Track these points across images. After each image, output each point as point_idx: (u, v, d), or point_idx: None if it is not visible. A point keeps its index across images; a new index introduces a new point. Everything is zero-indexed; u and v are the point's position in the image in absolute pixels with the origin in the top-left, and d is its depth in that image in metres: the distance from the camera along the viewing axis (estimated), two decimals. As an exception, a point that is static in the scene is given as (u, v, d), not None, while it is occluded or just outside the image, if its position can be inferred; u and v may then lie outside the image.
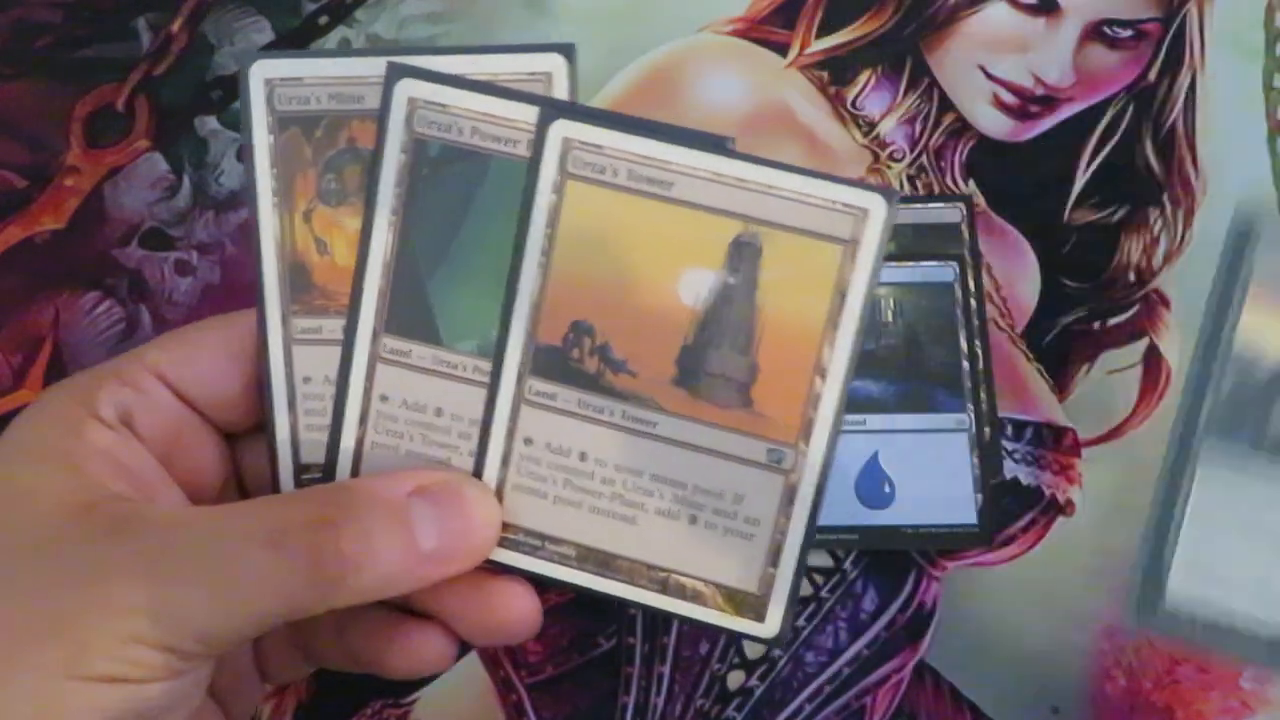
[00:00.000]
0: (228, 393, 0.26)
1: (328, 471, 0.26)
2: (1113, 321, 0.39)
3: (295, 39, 0.43)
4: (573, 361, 0.25)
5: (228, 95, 0.42)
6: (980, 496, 0.36)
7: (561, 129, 0.24)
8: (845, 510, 0.36)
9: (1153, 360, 0.39)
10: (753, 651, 0.36)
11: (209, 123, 0.42)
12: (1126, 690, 0.36)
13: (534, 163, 0.24)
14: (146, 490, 0.25)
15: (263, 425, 0.27)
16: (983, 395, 0.37)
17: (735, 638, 0.36)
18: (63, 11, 0.43)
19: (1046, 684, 0.36)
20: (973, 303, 0.38)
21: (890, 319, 0.38)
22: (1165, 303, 0.39)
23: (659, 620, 0.36)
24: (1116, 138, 0.41)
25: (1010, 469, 0.37)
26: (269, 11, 0.43)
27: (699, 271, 0.24)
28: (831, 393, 0.24)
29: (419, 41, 0.43)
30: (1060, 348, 0.39)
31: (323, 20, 0.43)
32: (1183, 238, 0.40)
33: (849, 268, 0.24)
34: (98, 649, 0.21)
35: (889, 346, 0.38)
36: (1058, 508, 0.37)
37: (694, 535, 0.25)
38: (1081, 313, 0.39)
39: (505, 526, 0.25)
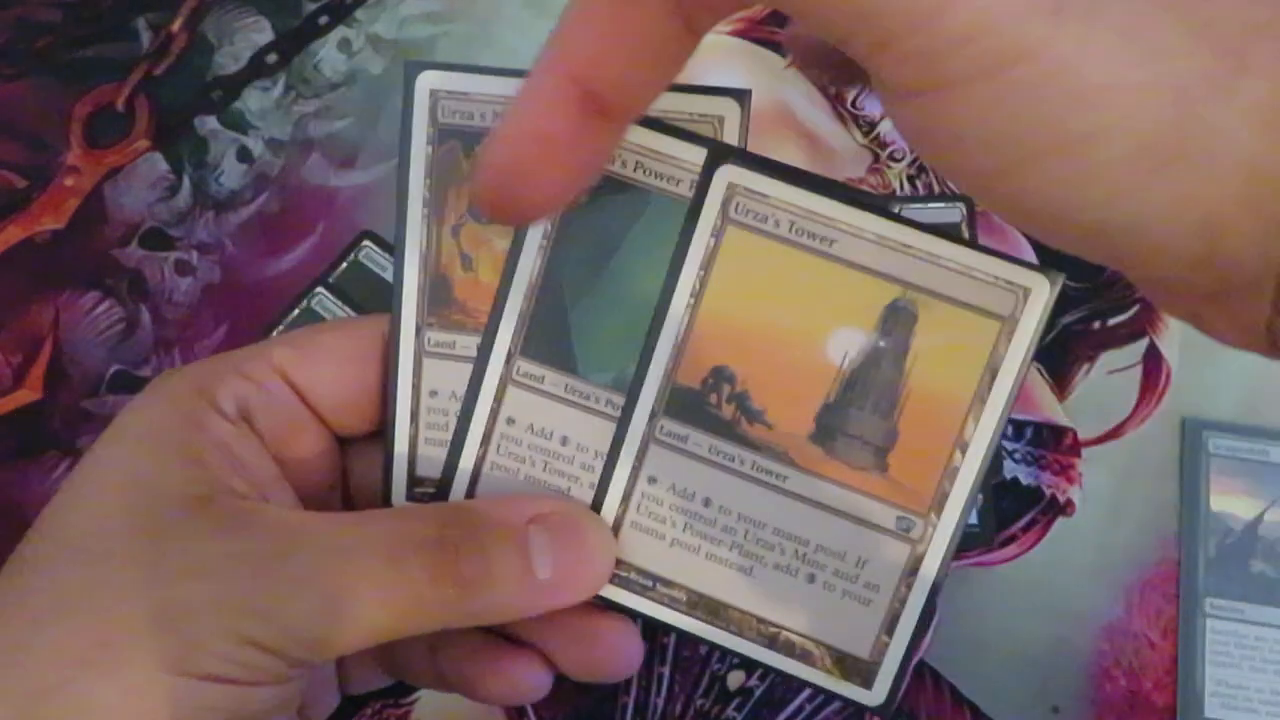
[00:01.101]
0: (346, 396, 0.26)
1: (442, 488, 0.26)
2: (1113, 321, 0.39)
3: (295, 39, 0.43)
4: (709, 406, 0.24)
5: (228, 95, 0.42)
6: (980, 496, 0.36)
7: (728, 174, 0.24)
8: None
9: (1153, 360, 0.39)
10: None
11: (209, 123, 0.42)
12: (1126, 690, 0.36)
13: (695, 204, 0.24)
14: (262, 488, 0.24)
15: (376, 433, 0.26)
16: None
17: None
18: (63, 11, 0.43)
19: (1046, 684, 0.36)
20: None
21: None
22: (1165, 303, 0.39)
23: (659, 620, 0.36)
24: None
25: (1010, 469, 0.37)
26: (269, 11, 0.43)
27: (850, 331, 0.24)
28: (970, 468, 0.23)
29: (419, 41, 0.43)
30: (1060, 348, 0.39)
31: (323, 20, 0.43)
32: (1183, 238, 0.40)
33: (1004, 345, 0.23)
34: (209, 647, 0.21)
35: None
36: (1058, 508, 0.37)
37: (810, 594, 0.24)
38: (1081, 313, 0.39)
39: (619, 564, 0.25)
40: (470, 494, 0.26)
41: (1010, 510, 0.37)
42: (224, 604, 0.21)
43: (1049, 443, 0.38)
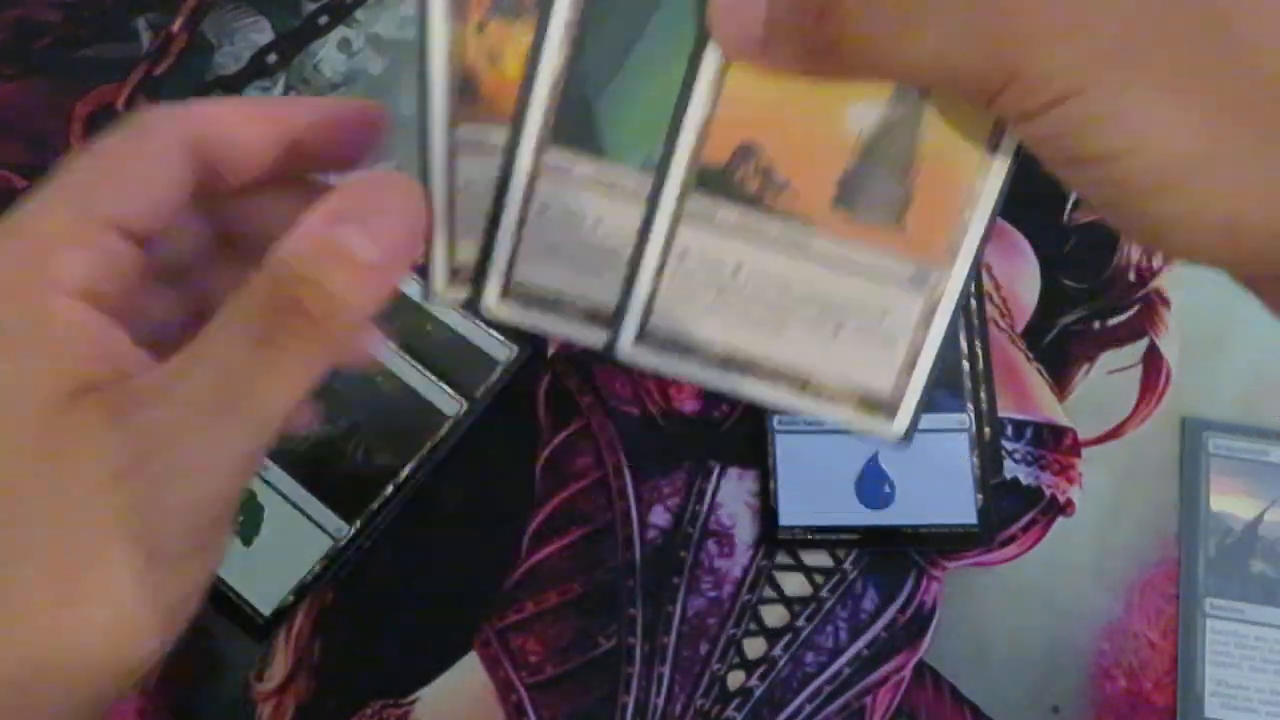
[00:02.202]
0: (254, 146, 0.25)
1: (479, 280, 0.27)
2: (1113, 321, 0.39)
3: (295, 39, 0.43)
4: (736, 180, 0.26)
5: (228, 95, 0.42)
6: (980, 496, 0.36)
7: None
8: (845, 510, 0.36)
9: (1153, 360, 0.39)
10: (752, 652, 0.36)
11: (209, 123, 0.42)
12: (1126, 690, 0.36)
13: None
14: (119, 363, 0.22)
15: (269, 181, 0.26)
16: (983, 395, 0.37)
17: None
18: (63, 11, 0.43)
19: (1046, 684, 0.36)
20: (973, 302, 0.38)
21: None
22: (1165, 303, 0.39)
23: (659, 620, 0.36)
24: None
25: (1010, 469, 0.37)
26: (269, 11, 0.43)
27: (868, 103, 0.25)
28: (979, 220, 0.25)
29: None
30: (1060, 348, 0.39)
31: (323, 20, 0.43)
32: (1183, 238, 0.40)
33: (1000, 126, 0.25)
34: (166, 539, 0.21)
35: None
36: (1058, 508, 0.37)
37: (837, 345, 0.26)
38: (1081, 313, 0.39)
39: (652, 332, 0.27)
40: (507, 281, 0.27)
41: (1010, 510, 0.37)
42: (135, 508, 0.21)
43: (1049, 443, 0.38)
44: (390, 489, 0.36)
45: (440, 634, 0.36)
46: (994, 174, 0.25)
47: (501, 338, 0.38)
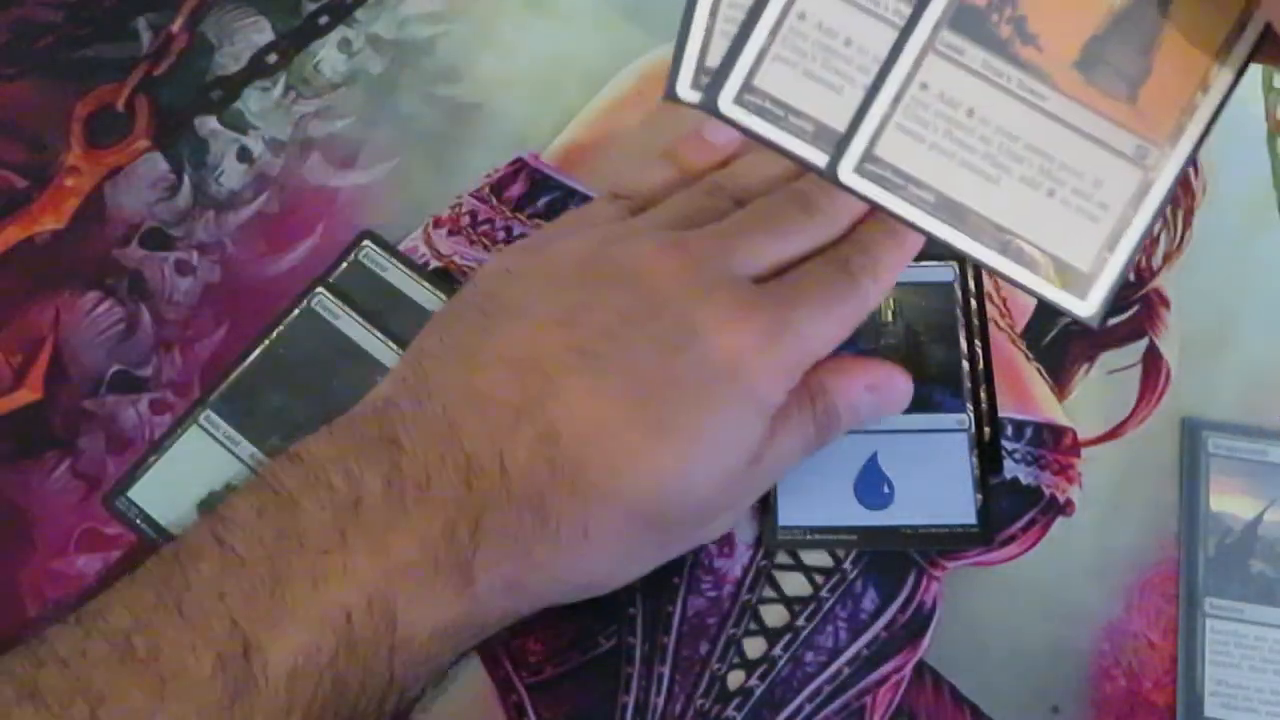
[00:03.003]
0: None
1: (721, 75, 0.27)
2: (1113, 321, 0.39)
3: (295, 39, 0.43)
4: (990, 24, 0.26)
5: (228, 95, 0.42)
6: (980, 496, 0.36)
7: None
8: (844, 510, 0.36)
9: (1153, 360, 0.39)
10: (752, 651, 0.36)
11: (209, 123, 0.42)
12: (1126, 690, 0.36)
13: None
14: None
15: None
16: (983, 395, 0.37)
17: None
18: (63, 11, 0.43)
19: (1046, 684, 0.36)
20: (973, 302, 0.38)
21: (890, 319, 0.38)
22: (1165, 303, 0.39)
23: (659, 620, 0.36)
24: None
25: (1010, 469, 0.37)
26: (269, 11, 0.43)
27: None
28: (1208, 106, 0.26)
29: (419, 41, 0.43)
30: (1060, 348, 0.39)
31: (323, 20, 0.43)
32: (1183, 238, 0.40)
33: (1250, 10, 0.26)
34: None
35: (889, 346, 0.38)
36: (1058, 508, 0.37)
37: (1048, 207, 0.27)
38: (1081, 313, 0.39)
39: (876, 160, 0.27)
40: (749, 82, 0.27)
41: (1010, 510, 0.37)
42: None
43: (1049, 443, 0.38)
44: None
45: (440, 634, 0.36)
46: (1229, 65, 0.26)
47: None
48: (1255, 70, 0.41)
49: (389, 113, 0.42)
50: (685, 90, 0.27)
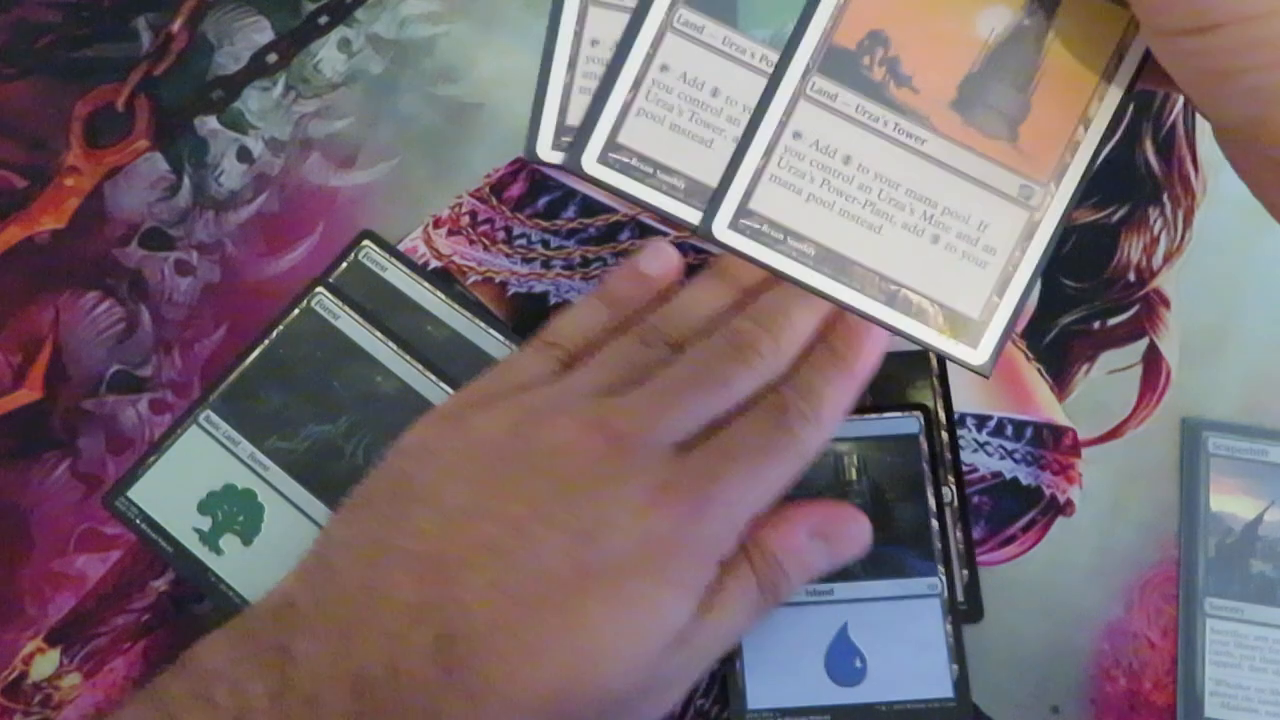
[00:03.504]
0: None
1: (584, 134, 0.26)
2: (1113, 321, 0.39)
3: (295, 39, 0.43)
4: (862, 67, 0.26)
5: (228, 95, 0.42)
6: (956, 666, 0.35)
7: None
8: (815, 689, 0.35)
9: (1153, 360, 0.39)
10: (753, 652, 0.36)
11: (209, 123, 0.42)
12: (1126, 690, 0.36)
13: None
14: None
15: None
16: (957, 538, 0.36)
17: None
18: (63, 11, 0.43)
19: (1046, 684, 0.36)
20: (946, 454, 0.37)
21: (855, 477, 0.36)
22: (1165, 303, 0.39)
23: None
24: (1116, 137, 0.41)
25: (1010, 469, 0.37)
26: (269, 11, 0.43)
27: (1000, 7, 0.25)
28: (1090, 142, 0.26)
29: (419, 41, 0.43)
30: (1060, 348, 0.39)
31: (323, 20, 0.43)
32: (1183, 237, 0.40)
33: (1131, 34, 0.25)
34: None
35: (856, 507, 0.35)
36: (1058, 508, 0.37)
37: (933, 254, 0.26)
38: (1081, 313, 0.39)
39: (752, 215, 0.26)
40: (613, 139, 0.26)
41: (1010, 510, 0.37)
42: None
43: (1049, 443, 0.38)
44: None
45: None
46: (1111, 97, 0.25)
47: (501, 337, 0.38)
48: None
49: (389, 113, 0.42)
50: (546, 151, 0.26)
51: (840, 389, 0.32)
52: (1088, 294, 0.39)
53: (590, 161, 0.26)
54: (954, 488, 0.37)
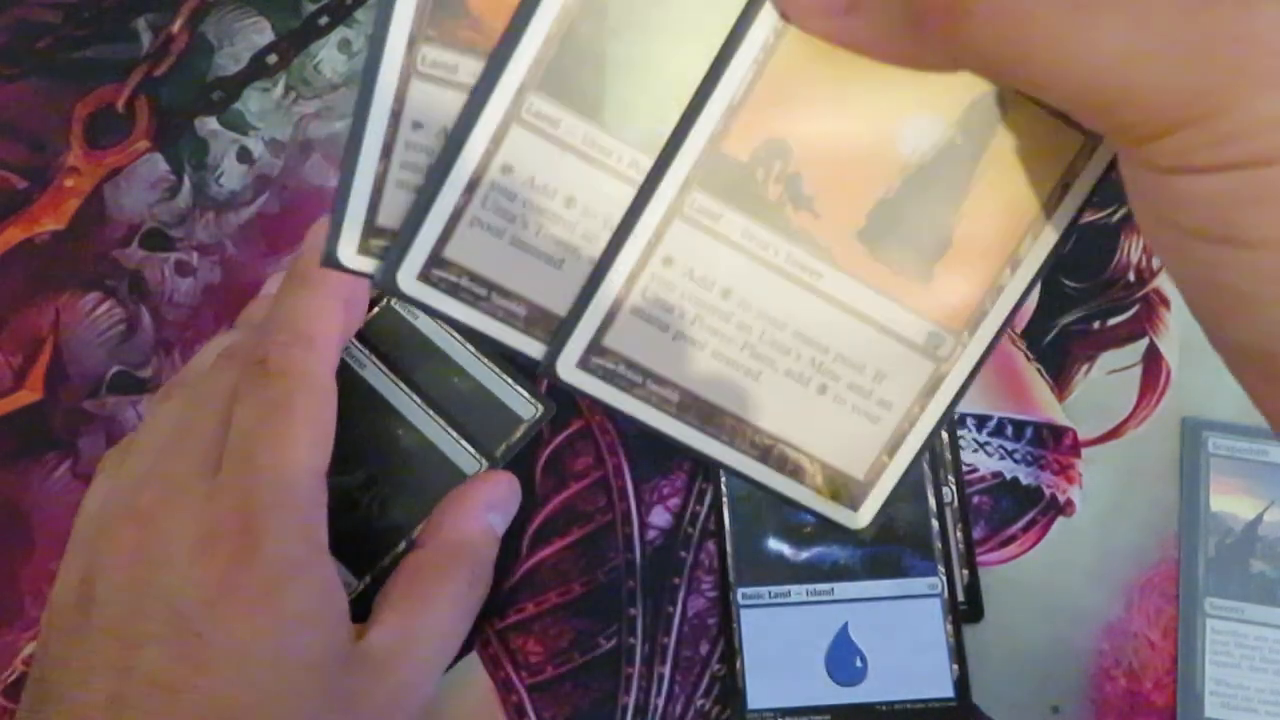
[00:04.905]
0: None
1: (402, 244, 0.21)
2: (1113, 321, 0.39)
3: (295, 39, 0.43)
4: (755, 182, 0.21)
5: (228, 96, 0.42)
6: (956, 666, 0.35)
7: None
8: (816, 689, 0.34)
9: (1153, 360, 0.39)
10: (753, 652, 0.36)
11: (209, 123, 0.42)
12: (1126, 690, 0.36)
13: None
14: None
15: None
16: (958, 538, 0.36)
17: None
18: (63, 12, 0.43)
19: (1046, 684, 0.36)
20: (946, 454, 0.37)
21: None
22: (1165, 303, 0.39)
23: (659, 620, 0.36)
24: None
25: (1010, 469, 0.37)
26: (269, 11, 0.43)
27: (927, 120, 0.21)
28: (1016, 289, 0.22)
29: (419, 42, 0.43)
30: (1060, 348, 0.39)
31: (323, 20, 0.43)
32: (1183, 238, 0.40)
33: (1082, 162, 0.21)
34: None
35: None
36: (1058, 508, 0.37)
37: (819, 407, 0.22)
38: (1081, 313, 0.39)
39: (606, 353, 0.22)
40: (438, 253, 0.21)
41: (1010, 510, 0.37)
42: None
43: (1049, 443, 0.38)
44: (403, 546, 0.35)
45: (440, 634, 0.36)
46: (1047, 237, 0.21)
47: (528, 395, 0.37)
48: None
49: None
50: (350, 256, 0.21)
51: (306, 301, 0.31)
52: (1087, 294, 0.39)
53: (408, 279, 0.21)
54: (954, 488, 0.37)
